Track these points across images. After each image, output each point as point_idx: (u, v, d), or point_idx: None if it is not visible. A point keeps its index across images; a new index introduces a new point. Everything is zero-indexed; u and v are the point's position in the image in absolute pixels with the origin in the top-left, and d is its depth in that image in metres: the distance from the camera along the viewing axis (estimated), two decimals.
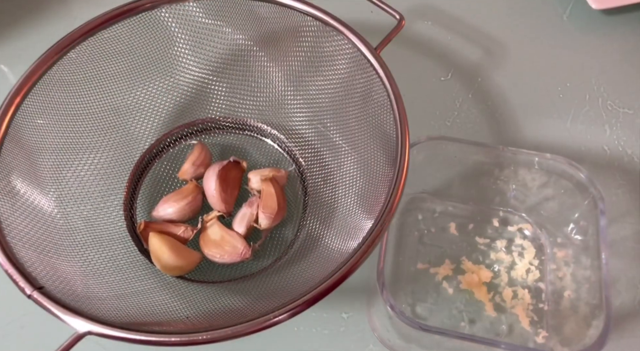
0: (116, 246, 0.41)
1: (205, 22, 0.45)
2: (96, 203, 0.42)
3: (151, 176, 0.46)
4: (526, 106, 0.51)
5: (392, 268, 0.43)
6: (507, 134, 0.50)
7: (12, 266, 0.32)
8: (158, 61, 0.45)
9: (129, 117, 0.45)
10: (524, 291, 0.42)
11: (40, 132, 0.40)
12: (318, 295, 0.32)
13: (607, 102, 0.52)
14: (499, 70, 0.53)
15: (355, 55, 0.41)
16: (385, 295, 0.35)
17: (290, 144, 0.47)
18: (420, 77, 0.53)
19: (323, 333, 0.41)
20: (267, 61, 0.46)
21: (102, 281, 0.38)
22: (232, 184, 0.44)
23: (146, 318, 0.35)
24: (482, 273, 0.42)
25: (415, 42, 0.55)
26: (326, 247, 0.40)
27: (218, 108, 0.48)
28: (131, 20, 0.42)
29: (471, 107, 0.51)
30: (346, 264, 0.32)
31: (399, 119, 0.37)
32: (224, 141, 0.48)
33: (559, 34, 0.56)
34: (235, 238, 0.41)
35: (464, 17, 0.56)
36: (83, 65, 0.41)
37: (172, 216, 0.42)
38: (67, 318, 0.31)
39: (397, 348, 0.40)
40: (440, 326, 0.41)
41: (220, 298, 0.39)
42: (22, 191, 0.38)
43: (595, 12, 0.56)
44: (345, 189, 0.43)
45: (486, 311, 0.41)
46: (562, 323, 0.40)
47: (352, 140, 0.43)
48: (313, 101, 0.46)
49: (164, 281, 0.40)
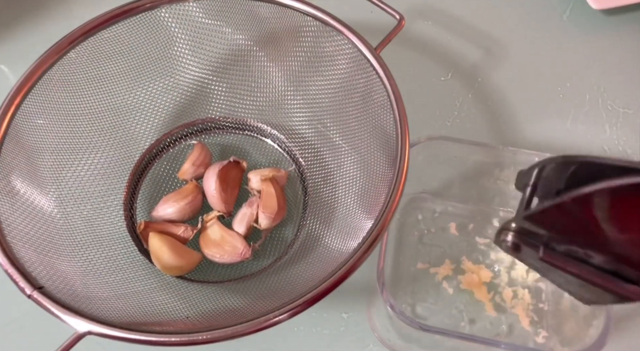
0: (116, 246, 0.41)
1: (205, 22, 0.45)
2: (96, 203, 0.42)
3: (151, 176, 0.46)
4: (526, 106, 0.51)
5: (392, 268, 0.43)
6: (507, 134, 0.50)
7: (12, 266, 0.32)
8: (158, 61, 0.45)
9: (129, 117, 0.45)
10: (524, 291, 0.42)
11: (40, 132, 0.40)
12: (318, 295, 0.32)
13: (607, 102, 0.52)
14: (499, 70, 0.53)
15: (355, 55, 0.41)
16: (385, 295, 0.35)
17: (290, 144, 0.47)
18: (420, 77, 0.53)
19: (323, 333, 0.41)
20: (267, 61, 0.46)
21: (102, 281, 0.38)
22: (232, 184, 0.44)
23: (146, 318, 0.35)
24: (482, 273, 0.42)
25: (415, 42, 0.55)
26: (326, 247, 0.40)
27: (218, 108, 0.48)
28: (131, 20, 0.42)
29: (471, 107, 0.51)
30: (346, 264, 0.32)
31: (399, 119, 0.37)
32: (224, 141, 0.48)
33: (559, 34, 0.56)
34: (235, 238, 0.41)
35: (464, 17, 0.56)
36: (83, 65, 0.41)
37: (172, 216, 0.42)
38: (67, 318, 0.31)
39: (397, 348, 0.40)
40: (440, 326, 0.41)
41: (220, 298, 0.39)
42: (22, 191, 0.38)
43: (595, 12, 0.56)
44: (345, 189, 0.43)
45: (486, 311, 0.41)
46: (562, 323, 0.40)
47: (352, 140, 0.43)
48: (313, 101, 0.46)
49: (164, 281, 0.40)
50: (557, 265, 0.25)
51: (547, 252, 0.25)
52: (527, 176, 0.28)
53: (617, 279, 0.24)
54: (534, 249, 0.26)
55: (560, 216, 0.24)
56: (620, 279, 0.24)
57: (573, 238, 0.24)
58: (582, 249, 0.25)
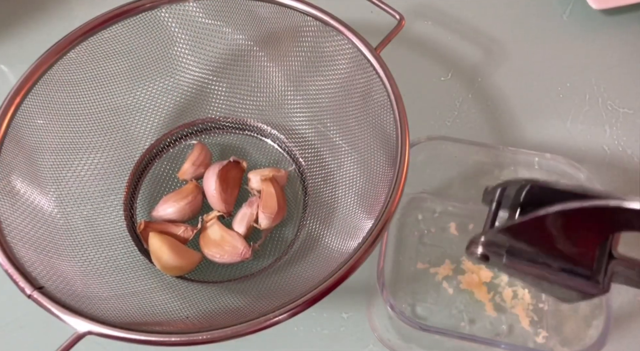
0: (116, 246, 0.41)
1: (205, 22, 0.45)
2: (96, 203, 0.42)
3: (151, 176, 0.46)
4: (526, 105, 0.51)
5: (392, 268, 0.43)
6: (507, 134, 0.50)
7: (12, 266, 0.32)
8: (158, 61, 0.45)
9: (129, 117, 0.45)
10: (524, 291, 0.42)
11: (40, 132, 0.40)
12: (318, 295, 0.32)
13: (607, 102, 0.52)
14: (499, 70, 0.53)
15: (355, 55, 0.41)
16: (385, 295, 0.35)
17: (290, 144, 0.47)
18: (420, 77, 0.53)
19: (323, 333, 0.41)
20: (267, 61, 0.46)
21: (102, 281, 0.38)
22: (232, 184, 0.44)
23: (146, 318, 0.35)
24: (482, 273, 0.42)
25: (415, 42, 0.55)
26: (326, 247, 0.40)
27: (218, 108, 0.48)
28: (131, 20, 0.42)
29: (471, 107, 0.51)
30: (346, 264, 0.33)
31: (399, 119, 0.37)
32: (224, 141, 0.48)
33: (559, 34, 0.56)
34: (235, 238, 0.41)
35: (464, 17, 0.56)
36: (83, 65, 0.41)
37: (172, 216, 0.42)
38: (67, 318, 0.31)
39: (397, 348, 0.40)
40: (440, 326, 0.41)
41: (220, 298, 0.39)
42: (22, 191, 0.38)
43: (595, 12, 0.56)
44: (345, 189, 0.43)
45: (486, 311, 0.41)
46: (562, 323, 0.40)
47: (352, 140, 0.43)
48: (313, 101, 0.46)
49: (164, 281, 0.40)
50: (520, 269, 0.30)
51: (510, 259, 0.30)
52: (492, 193, 0.32)
53: (573, 277, 0.28)
54: (499, 257, 0.30)
55: (524, 231, 0.28)
56: (576, 276, 0.28)
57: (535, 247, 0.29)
58: (542, 255, 0.29)
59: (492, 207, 0.32)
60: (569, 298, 0.30)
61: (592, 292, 0.28)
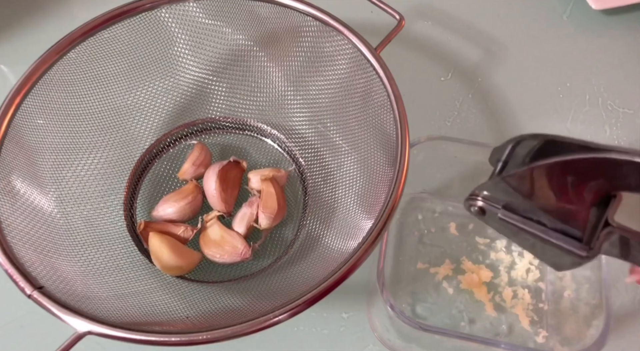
0: (116, 246, 0.41)
1: (205, 22, 0.45)
2: (96, 203, 0.42)
3: (151, 176, 0.46)
4: (526, 106, 0.51)
5: (392, 268, 0.43)
6: (507, 134, 0.50)
7: (12, 266, 0.32)
8: (158, 61, 0.45)
9: (129, 117, 0.45)
10: (524, 291, 0.42)
11: (40, 132, 0.40)
12: (318, 295, 0.32)
13: (607, 102, 0.52)
14: (499, 70, 0.53)
15: (355, 55, 0.41)
16: (385, 295, 0.35)
17: (290, 144, 0.47)
18: (420, 77, 0.53)
19: (323, 333, 0.41)
20: (267, 61, 0.46)
21: (102, 281, 0.38)
22: (232, 184, 0.44)
23: (146, 318, 0.35)
24: (482, 272, 0.42)
25: (415, 42, 0.55)
26: (326, 247, 0.40)
27: (218, 108, 0.48)
28: (131, 21, 0.42)
29: (471, 107, 0.51)
30: (346, 264, 0.33)
31: (399, 119, 0.37)
32: (224, 141, 0.48)
33: (559, 34, 0.56)
34: (235, 238, 0.41)
35: (464, 17, 0.56)
36: (83, 65, 0.41)
37: (172, 216, 0.42)
38: (67, 318, 0.31)
39: (397, 348, 0.40)
40: (440, 326, 0.41)
41: (220, 298, 0.39)
42: (22, 191, 0.38)
43: (595, 12, 0.56)
44: (345, 189, 0.43)
45: (486, 311, 0.41)
46: (562, 323, 0.40)
47: (352, 140, 0.43)
48: (313, 101, 0.46)
49: (164, 281, 0.40)
50: (514, 224, 0.30)
51: (506, 214, 0.30)
52: (501, 151, 0.32)
53: (565, 237, 0.29)
54: (495, 211, 0.30)
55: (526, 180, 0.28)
56: (568, 237, 0.29)
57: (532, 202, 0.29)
58: (537, 212, 0.29)
59: (497, 166, 0.32)
60: (561, 264, 0.30)
61: (582, 254, 0.28)
